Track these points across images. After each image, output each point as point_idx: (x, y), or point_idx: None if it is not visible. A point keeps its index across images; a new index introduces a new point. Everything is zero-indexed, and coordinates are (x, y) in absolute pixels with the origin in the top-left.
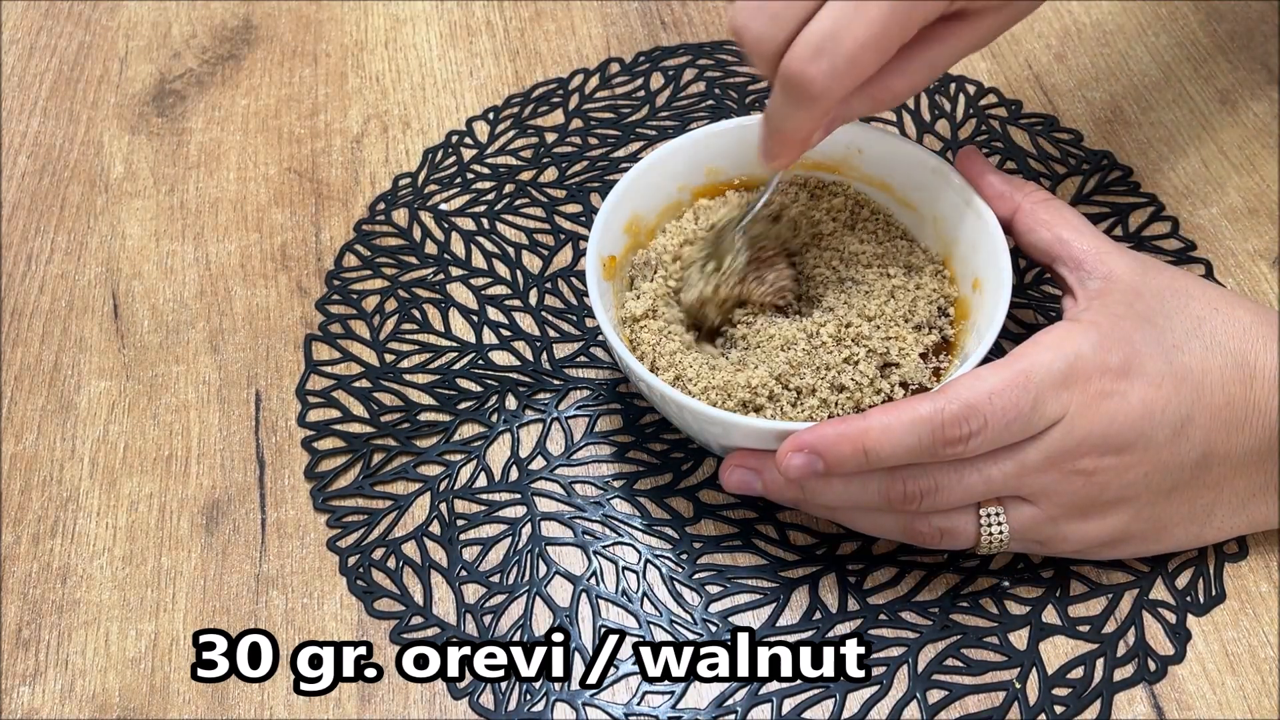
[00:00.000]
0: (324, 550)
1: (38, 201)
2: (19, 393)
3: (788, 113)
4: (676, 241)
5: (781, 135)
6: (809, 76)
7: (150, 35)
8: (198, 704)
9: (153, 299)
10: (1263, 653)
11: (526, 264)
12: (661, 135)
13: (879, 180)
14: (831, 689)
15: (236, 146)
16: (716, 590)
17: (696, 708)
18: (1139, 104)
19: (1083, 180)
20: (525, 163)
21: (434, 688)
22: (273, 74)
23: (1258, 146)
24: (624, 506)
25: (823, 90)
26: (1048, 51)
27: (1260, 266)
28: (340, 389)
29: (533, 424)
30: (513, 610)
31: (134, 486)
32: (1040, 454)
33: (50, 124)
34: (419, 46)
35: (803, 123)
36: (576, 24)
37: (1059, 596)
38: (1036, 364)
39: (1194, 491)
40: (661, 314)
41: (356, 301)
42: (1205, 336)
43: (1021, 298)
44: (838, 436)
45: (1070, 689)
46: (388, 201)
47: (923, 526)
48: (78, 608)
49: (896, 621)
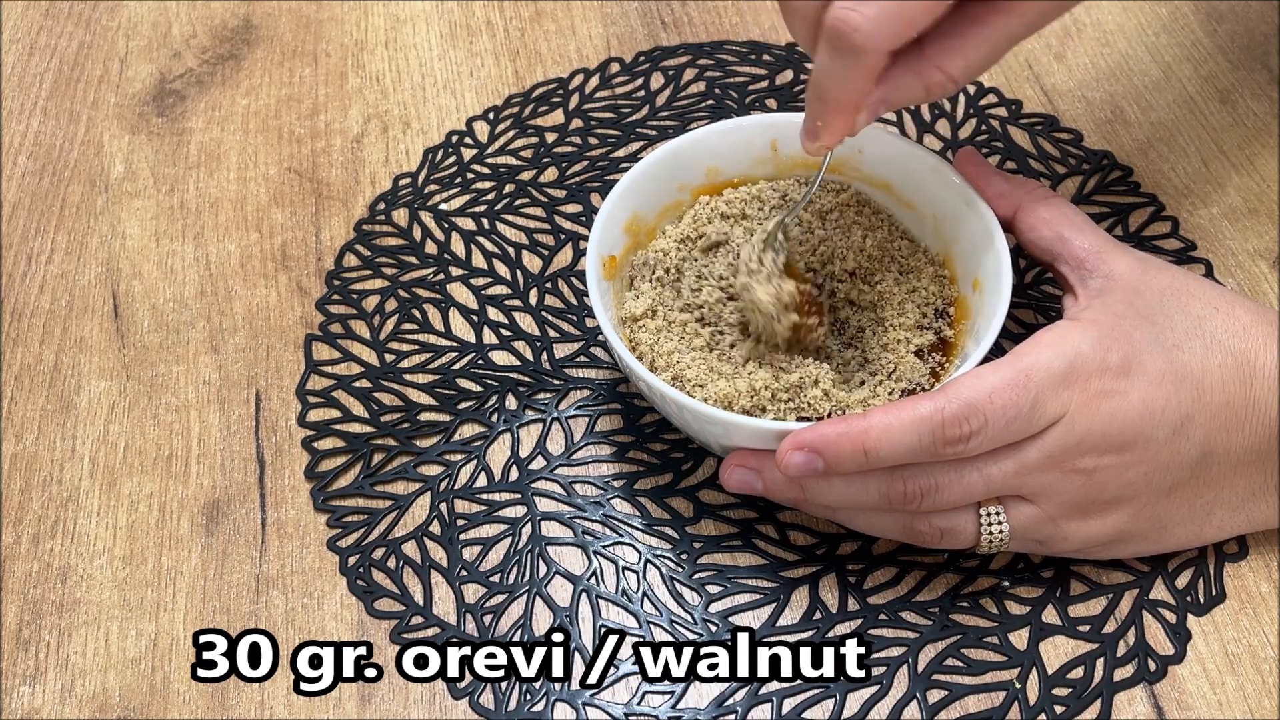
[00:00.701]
0: (324, 550)
1: (38, 201)
2: (19, 393)
3: (833, 70)
4: (676, 241)
5: (828, 101)
6: (854, 23)
7: (150, 35)
8: (198, 704)
9: (153, 299)
10: (1263, 653)
11: (526, 264)
12: (661, 135)
13: (879, 180)
14: (831, 689)
15: (236, 146)
16: (716, 590)
17: (696, 708)
18: (1139, 104)
19: (1083, 180)
20: (525, 163)
21: (434, 688)
22: (273, 74)
23: (1258, 146)
24: (624, 506)
25: (869, 37)
26: (1048, 51)
27: (1260, 266)
28: (340, 389)
29: (533, 424)
30: (513, 610)
31: (134, 486)
32: (1040, 453)
33: (50, 124)
34: (419, 46)
35: (851, 83)
36: (576, 24)
37: (1059, 596)
38: (1037, 363)
39: (1194, 490)
40: (661, 314)
41: (356, 301)
42: (1205, 335)
43: (1021, 298)
44: (838, 436)
45: (1070, 689)
46: (388, 201)
47: (923, 526)
48: (78, 608)
49: (896, 621)
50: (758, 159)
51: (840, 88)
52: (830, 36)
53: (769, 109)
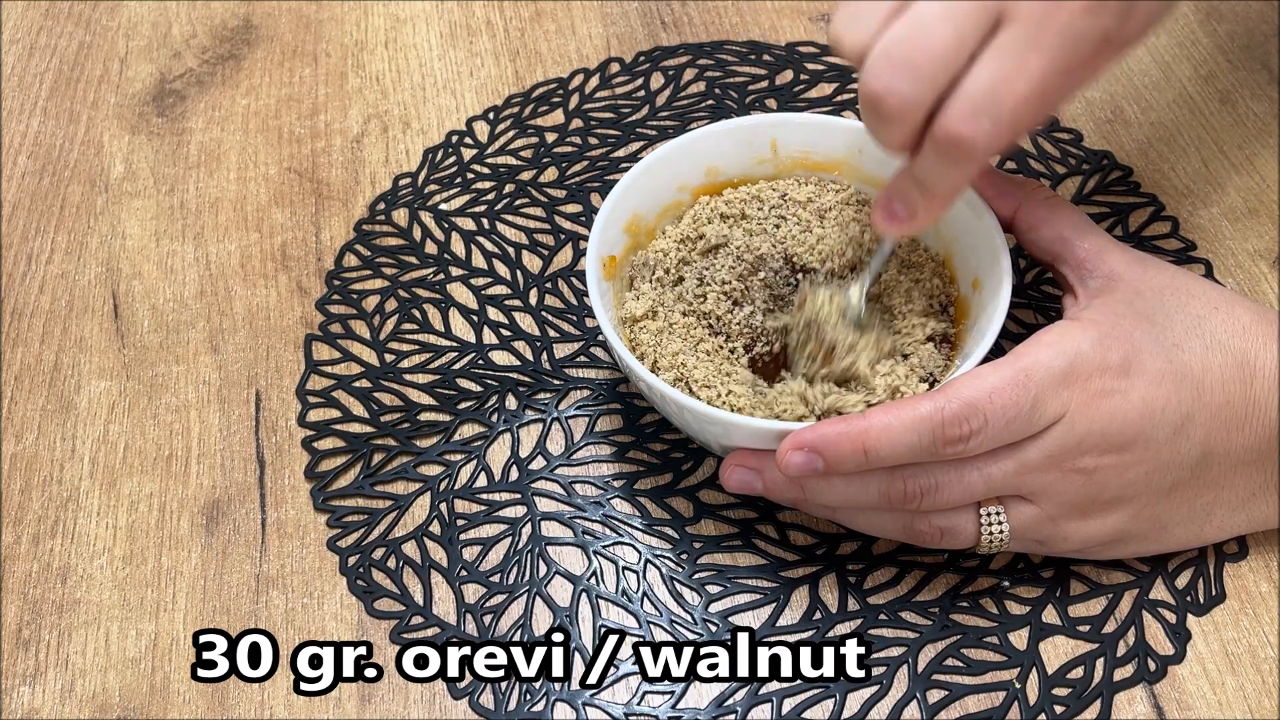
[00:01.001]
0: (324, 550)
1: (38, 201)
2: (19, 393)
3: (942, 173)
4: (676, 243)
5: (933, 196)
6: (967, 137)
7: (150, 35)
8: (198, 704)
9: (153, 299)
10: (1263, 653)
11: (526, 264)
12: (661, 135)
13: (879, 180)
14: (831, 689)
15: (236, 146)
16: (716, 590)
17: (696, 708)
18: (1139, 104)
19: (1083, 180)
20: (525, 163)
21: (434, 688)
22: (273, 74)
23: (1258, 146)
24: (624, 506)
25: (984, 150)
26: None
27: (1260, 266)
28: (340, 389)
29: (533, 424)
30: (513, 610)
31: (134, 486)
32: (1040, 452)
33: (50, 124)
34: (419, 46)
35: (959, 182)
36: (576, 24)
37: (1059, 596)
38: (1037, 363)
39: (1194, 490)
40: (661, 315)
41: (356, 301)
42: (1205, 335)
43: (1021, 298)
44: (838, 435)
45: (1070, 689)
46: (388, 201)
47: (923, 526)
48: (78, 608)
49: (896, 621)
50: (758, 159)
51: (948, 187)
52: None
53: (769, 109)
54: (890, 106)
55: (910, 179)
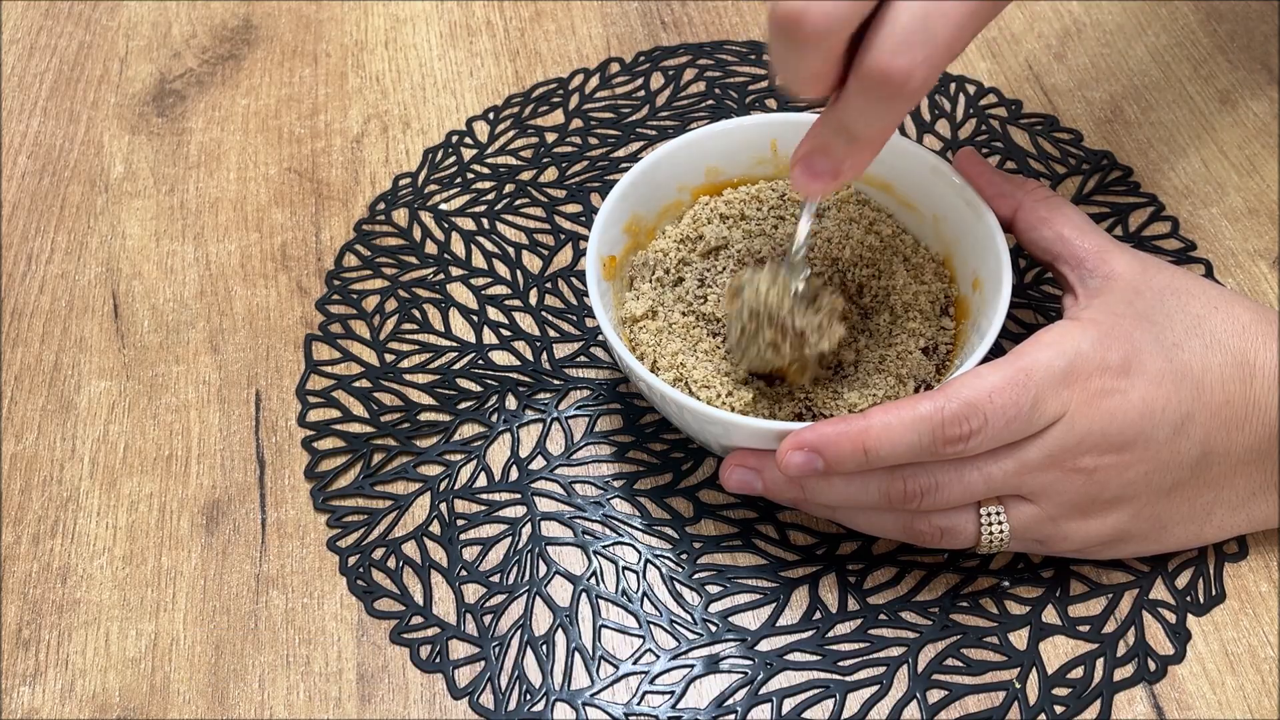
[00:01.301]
0: (324, 550)
1: (38, 201)
2: (19, 393)
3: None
4: (676, 243)
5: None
6: (900, 70)
7: (150, 35)
8: (198, 704)
9: (153, 299)
10: (1263, 653)
11: (526, 264)
12: (661, 135)
13: (879, 180)
14: (831, 689)
15: (236, 146)
16: (716, 590)
17: (696, 708)
18: (1139, 104)
19: (1083, 180)
20: (525, 163)
21: (434, 688)
22: (273, 74)
23: (1258, 146)
24: (624, 506)
25: (920, 85)
26: (1048, 51)
27: (1260, 266)
28: (340, 389)
29: (533, 424)
30: (513, 610)
31: (134, 486)
32: (1040, 452)
33: (50, 124)
34: (419, 46)
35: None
36: (576, 24)
37: (1059, 596)
38: (1037, 362)
39: (1194, 490)
40: (661, 315)
41: (356, 301)
42: (1205, 335)
43: (1021, 298)
44: (838, 435)
45: (1070, 689)
46: (388, 201)
47: (923, 525)
48: (78, 608)
49: (896, 621)
50: (757, 159)
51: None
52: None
53: (769, 109)
54: (809, 28)
55: (831, 127)
